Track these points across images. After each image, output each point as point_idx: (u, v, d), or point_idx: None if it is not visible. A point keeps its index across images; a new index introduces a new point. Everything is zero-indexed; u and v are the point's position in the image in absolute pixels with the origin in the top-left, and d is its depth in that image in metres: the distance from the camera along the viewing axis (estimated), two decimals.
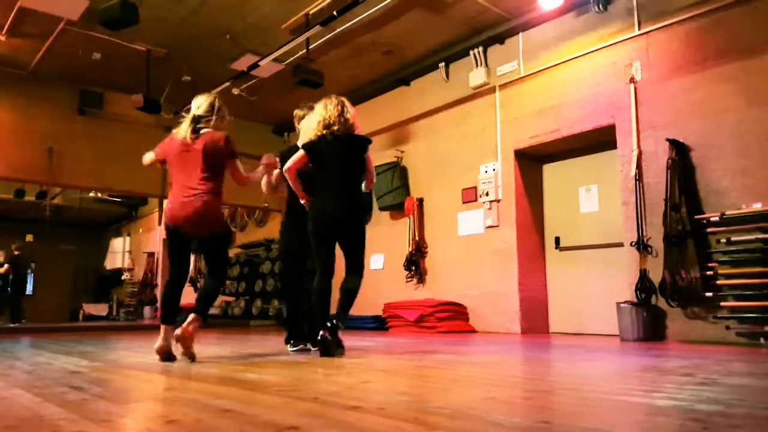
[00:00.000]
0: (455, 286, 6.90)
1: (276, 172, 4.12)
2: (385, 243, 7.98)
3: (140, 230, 15.89)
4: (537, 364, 3.29)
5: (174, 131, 3.60)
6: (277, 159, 4.06)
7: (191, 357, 3.30)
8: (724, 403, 1.80)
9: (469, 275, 6.79)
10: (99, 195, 13.76)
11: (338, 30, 6.46)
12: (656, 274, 5.03)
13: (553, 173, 6.71)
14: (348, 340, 5.30)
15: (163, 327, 3.37)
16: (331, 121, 3.70)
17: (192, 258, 13.38)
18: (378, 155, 8.10)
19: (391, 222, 7.96)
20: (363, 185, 3.88)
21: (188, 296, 4.91)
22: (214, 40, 6.92)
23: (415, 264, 7.40)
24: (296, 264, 4.19)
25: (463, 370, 2.92)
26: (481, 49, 6.82)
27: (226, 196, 4.19)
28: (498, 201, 6.59)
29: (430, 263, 7.36)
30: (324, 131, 3.70)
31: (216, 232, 3.57)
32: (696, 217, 4.78)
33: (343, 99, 3.82)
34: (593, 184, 6.23)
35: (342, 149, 3.71)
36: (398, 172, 7.67)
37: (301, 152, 3.75)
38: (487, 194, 6.66)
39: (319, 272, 3.69)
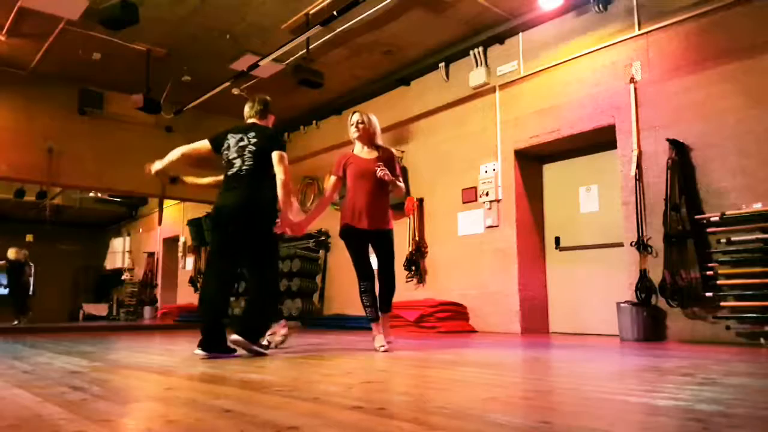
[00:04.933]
0: (455, 286, 6.90)
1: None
2: None
3: (140, 230, 15.88)
4: (537, 364, 3.29)
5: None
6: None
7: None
8: (724, 403, 1.80)
9: (469, 275, 6.79)
10: (99, 195, 13.75)
11: (338, 30, 6.45)
12: (656, 274, 5.03)
13: (553, 173, 6.70)
14: (348, 340, 5.31)
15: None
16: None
17: (192, 258, 13.35)
18: None
19: None
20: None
21: (189, 297, 4.88)
22: (214, 40, 6.92)
23: (415, 264, 7.40)
24: None
25: (463, 370, 2.92)
26: (481, 49, 6.81)
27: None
28: (498, 201, 6.58)
29: (430, 263, 7.35)
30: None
31: None
32: (696, 217, 4.78)
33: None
34: (593, 184, 6.23)
35: None
36: None
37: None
38: (487, 194, 6.66)
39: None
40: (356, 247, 4.12)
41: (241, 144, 3.82)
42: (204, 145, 3.99)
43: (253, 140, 3.81)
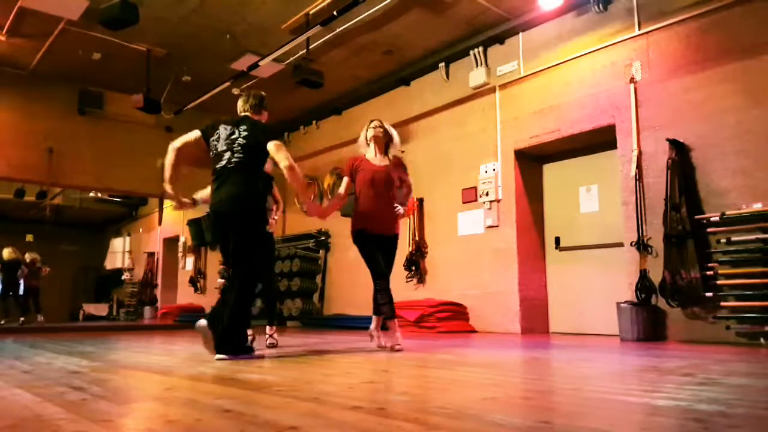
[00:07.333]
0: (455, 286, 6.90)
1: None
2: None
3: (140, 230, 15.88)
4: (537, 364, 3.29)
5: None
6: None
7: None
8: (724, 403, 1.80)
9: (469, 275, 6.79)
10: (99, 195, 13.76)
11: (338, 30, 6.45)
12: (656, 274, 5.03)
13: (553, 173, 6.70)
14: (348, 340, 5.31)
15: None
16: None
17: (192, 258, 13.32)
18: None
19: None
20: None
21: (190, 297, 4.86)
22: (214, 40, 6.92)
23: (415, 264, 7.40)
24: None
25: (463, 370, 2.92)
26: (481, 49, 6.81)
27: None
28: (498, 201, 6.58)
29: (430, 263, 7.35)
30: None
31: None
32: (696, 217, 4.78)
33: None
34: (593, 184, 6.23)
35: None
36: None
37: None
38: (487, 194, 6.66)
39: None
40: (370, 249, 4.18)
41: (232, 137, 3.65)
42: (194, 134, 3.80)
43: (244, 133, 3.65)
